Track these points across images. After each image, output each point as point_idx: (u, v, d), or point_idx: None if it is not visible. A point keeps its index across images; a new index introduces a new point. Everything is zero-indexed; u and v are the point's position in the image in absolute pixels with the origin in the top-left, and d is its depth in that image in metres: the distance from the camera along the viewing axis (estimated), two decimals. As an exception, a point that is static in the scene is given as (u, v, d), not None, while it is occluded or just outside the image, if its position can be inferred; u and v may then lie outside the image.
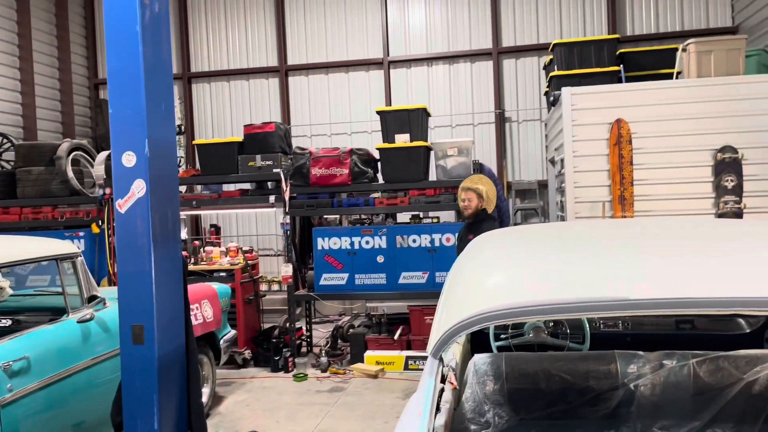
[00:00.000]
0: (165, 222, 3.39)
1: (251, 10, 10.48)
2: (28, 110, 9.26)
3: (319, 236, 7.03)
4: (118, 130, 3.28)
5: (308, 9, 10.32)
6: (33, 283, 5.64)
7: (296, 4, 10.35)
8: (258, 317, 7.66)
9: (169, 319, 3.36)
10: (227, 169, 7.29)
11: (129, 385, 3.22)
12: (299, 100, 10.45)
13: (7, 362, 3.28)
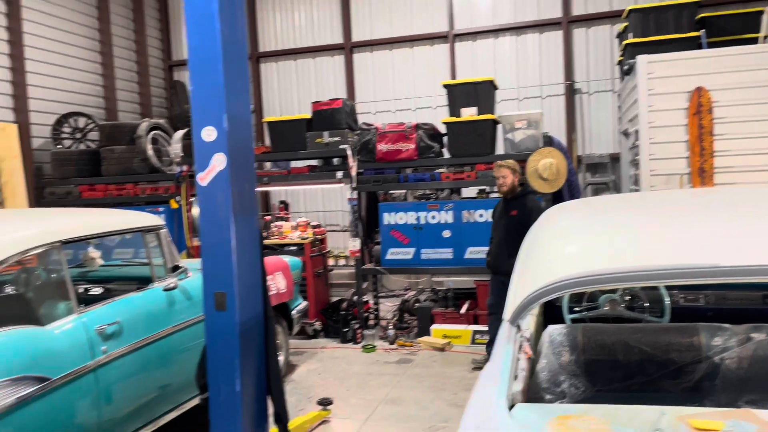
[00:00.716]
0: (243, 194, 3.51)
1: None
2: (109, 92, 9.74)
3: (386, 211, 7.10)
4: (199, 106, 3.40)
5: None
6: (118, 255, 6.00)
7: (360, -20, 10.33)
8: (327, 290, 7.87)
9: (249, 287, 3.49)
10: (296, 146, 7.44)
11: (213, 349, 3.38)
12: (363, 76, 10.48)
13: (102, 326, 3.52)
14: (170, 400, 4.11)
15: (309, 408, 4.79)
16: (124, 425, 3.66)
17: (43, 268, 3.87)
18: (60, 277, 3.57)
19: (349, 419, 4.69)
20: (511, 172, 5.46)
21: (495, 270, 5.64)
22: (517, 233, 5.41)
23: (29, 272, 3.84)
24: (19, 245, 3.27)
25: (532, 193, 5.73)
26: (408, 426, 4.51)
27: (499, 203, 5.77)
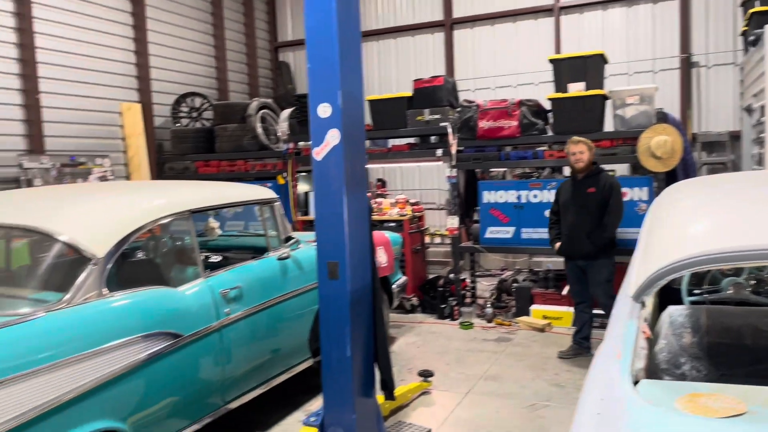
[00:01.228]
0: (355, 169, 3.64)
1: (417, -35, 10.51)
2: (221, 73, 10.28)
3: (486, 189, 7.05)
4: (315, 83, 3.54)
5: (475, -42, 10.10)
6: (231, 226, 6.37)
7: (461, -45, 10.17)
8: (424, 267, 7.97)
9: (359, 258, 3.63)
10: (397, 124, 7.52)
11: (325, 316, 3.56)
12: (463, 53, 10.37)
13: (225, 290, 3.79)
14: (282, 363, 4.37)
15: (409, 379, 4.92)
16: (242, 384, 3.94)
17: (174, 235, 4.21)
18: (189, 244, 3.88)
19: (450, 392, 4.77)
20: (588, 148, 5.31)
21: (570, 254, 5.46)
22: (598, 211, 5.24)
23: (162, 238, 4.20)
24: (154, 214, 3.58)
25: (605, 171, 5.56)
26: (509, 402, 4.53)
27: (565, 183, 5.58)
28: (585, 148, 5.29)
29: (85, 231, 3.19)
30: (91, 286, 3.04)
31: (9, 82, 7.02)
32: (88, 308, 2.97)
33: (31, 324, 2.73)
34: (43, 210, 3.47)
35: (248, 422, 4.26)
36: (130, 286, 3.25)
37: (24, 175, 6.77)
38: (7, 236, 3.83)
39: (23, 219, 3.38)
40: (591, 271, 5.33)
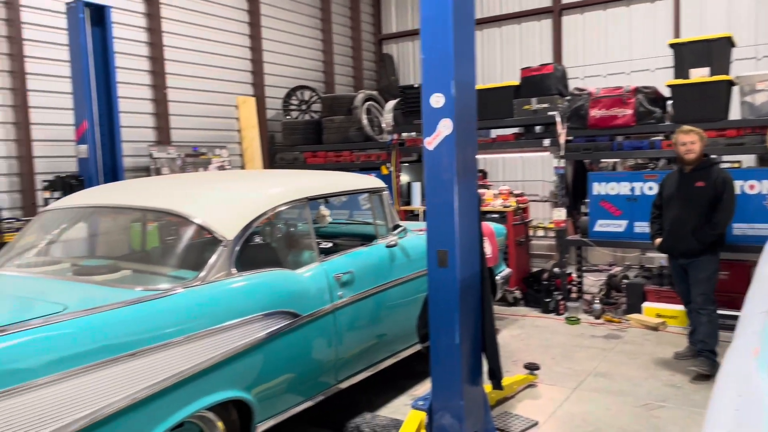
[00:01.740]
0: (466, 159, 3.66)
1: (525, -50, 10.25)
2: (328, 66, 10.61)
3: (596, 181, 6.80)
4: (429, 73, 3.59)
5: (587, -59, 9.70)
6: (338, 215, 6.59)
7: (573, -63, 9.80)
8: (528, 259, 7.83)
9: (468, 247, 3.66)
10: (502, 113, 7.42)
11: (434, 303, 3.62)
12: (572, 40, 10.01)
13: (338, 274, 3.95)
14: (389, 348, 4.48)
15: (514, 371, 4.88)
16: (352, 365, 4.09)
17: (293, 221, 4.44)
18: (306, 229, 4.08)
19: (557, 386, 4.69)
20: (700, 138, 4.88)
21: (671, 251, 5.10)
22: (706, 207, 4.83)
23: (281, 224, 4.44)
24: (276, 200, 3.80)
25: (717, 163, 5.13)
26: (620, 400, 4.39)
27: (670, 176, 5.17)
28: (696, 138, 4.89)
29: (217, 215, 3.45)
30: (222, 266, 3.29)
31: (142, 78, 7.66)
32: (220, 286, 3.21)
33: (172, 298, 3.00)
34: (178, 196, 3.79)
35: (357, 403, 4.42)
36: (254, 268, 3.47)
37: (153, 164, 7.37)
38: (143, 219, 4.21)
39: (161, 203, 3.71)
40: (692, 268, 4.96)
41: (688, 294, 5.07)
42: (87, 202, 3.98)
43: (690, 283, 4.99)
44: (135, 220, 4.16)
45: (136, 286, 3.09)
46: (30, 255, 3.79)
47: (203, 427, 3.11)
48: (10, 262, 3.68)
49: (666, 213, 5.10)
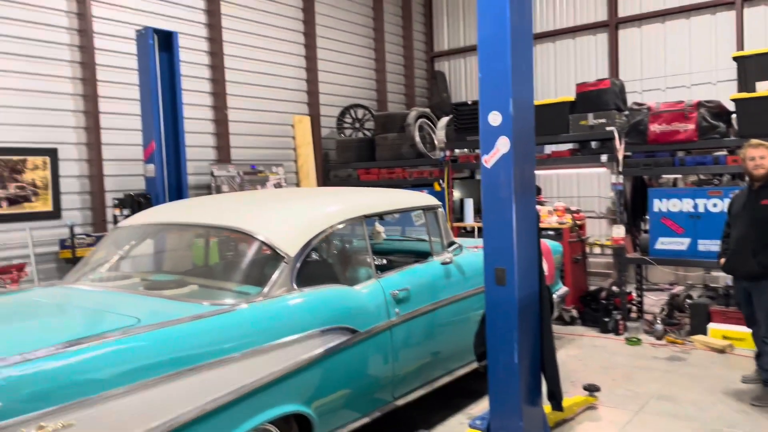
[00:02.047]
0: (524, 176, 3.65)
1: (579, -35, 10.16)
2: (381, 84, 10.76)
3: (657, 197, 6.62)
4: (487, 92, 3.62)
5: (644, -47, 9.54)
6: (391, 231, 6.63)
7: (629, -50, 9.66)
8: (585, 278, 7.67)
9: (527, 265, 3.63)
10: (557, 129, 7.33)
11: (492, 321, 3.61)
12: (629, 53, 9.82)
13: (395, 291, 3.98)
14: (445, 366, 4.46)
15: (573, 392, 4.77)
16: (408, 382, 4.09)
17: (350, 238, 4.51)
18: (362, 246, 4.15)
19: (618, 409, 4.56)
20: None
21: (733, 272, 4.85)
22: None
23: (339, 241, 4.52)
24: (334, 218, 3.88)
25: None
26: (687, 425, 4.22)
27: (740, 193, 4.89)
28: (766, 152, 4.60)
29: (279, 232, 3.56)
30: (284, 282, 3.38)
31: (204, 99, 7.97)
32: (282, 301, 3.30)
33: (237, 313, 3.10)
34: (241, 213, 3.92)
35: (412, 420, 4.42)
36: (313, 284, 3.54)
37: (214, 182, 7.63)
38: (208, 235, 4.37)
39: (226, 221, 3.85)
40: (756, 293, 4.69)
41: (753, 317, 4.84)
42: (156, 220, 4.17)
43: (754, 307, 4.76)
44: (201, 236, 4.32)
45: (203, 301, 3.21)
46: (103, 270, 3.99)
47: (265, 440, 3.18)
48: (85, 277, 3.89)
49: (732, 231, 4.89)
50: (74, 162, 6.67)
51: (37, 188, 6.28)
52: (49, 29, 6.45)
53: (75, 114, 6.66)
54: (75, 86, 6.66)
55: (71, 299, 3.48)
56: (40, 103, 6.36)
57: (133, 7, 7.17)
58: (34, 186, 6.26)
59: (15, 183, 6.11)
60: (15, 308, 3.41)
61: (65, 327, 3.05)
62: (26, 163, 6.21)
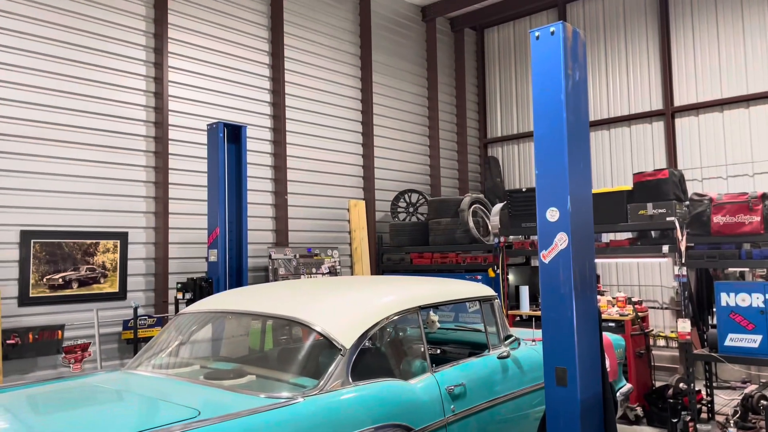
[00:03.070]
0: (584, 272, 3.61)
1: (633, 54, 10.34)
2: (435, 170, 10.98)
3: (724, 291, 6.33)
4: (544, 188, 3.66)
5: (698, 44, 9.64)
6: (444, 317, 6.56)
7: (684, 41, 9.78)
8: (649, 373, 7.29)
9: (589, 364, 3.52)
10: (615, 218, 7.24)
11: (553, 424, 3.47)
12: (687, 142, 9.74)
13: (450, 386, 3.90)
14: (501, 466, 4.27)
15: (641, 502, 4.44)
16: (463, 483, 3.92)
17: (405, 330, 4.50)
18: (418, 338, 4.12)
19: None
20: None
21: None
22: None
23: (394, 332, 4.50)
24: (390, 309, 3.89)
25: None
26: None
27: None
28: None
29: (335, 323, 3.59)
30: (339, 375, 3.38)
31: (265, 185, 8.33)
32: (337, 396, 3.28)
33: (294, 407, 3.10)
34: (298, 303, 3.99)
35: None
36: (368, 377, 3.52)
37: (271, 265, 7.82)
38: (266, 324, 4.45)
39: (284, 311, 3.92)
40: None
41: None
42: (216, 308, 4.28)
43: None
44: (259, 325, 4.40)
45: (260, 393, 3.23)
46: (164, 356, 4.09)
47: None
48: (148, 362, 3.99)
49: None
50: (142, 245, 7.01)
51: (106, 270, 6.59)
52: (128, 122, 6.98)
53: (146, 200, 7.07)
54: (148, 174, 7.11)
55: (134, 387, 3.57)
56: (115, 190, 6.80)
57: (206, 101, 7.71)
58: (103, 268, 6.58)
59: (87, 265, 6.45)
60: (79, 394, 3.52)
61: (129, 416, 3.11)
62: (98, 246, 6.57)
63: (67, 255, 6.32)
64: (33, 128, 6.26)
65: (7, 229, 5.98)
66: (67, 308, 6.30)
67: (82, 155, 6.58)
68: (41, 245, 6.15)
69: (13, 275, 6.00)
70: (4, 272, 5.95)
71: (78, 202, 6.50)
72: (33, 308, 6.08)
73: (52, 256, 6.22)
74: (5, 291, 5.89)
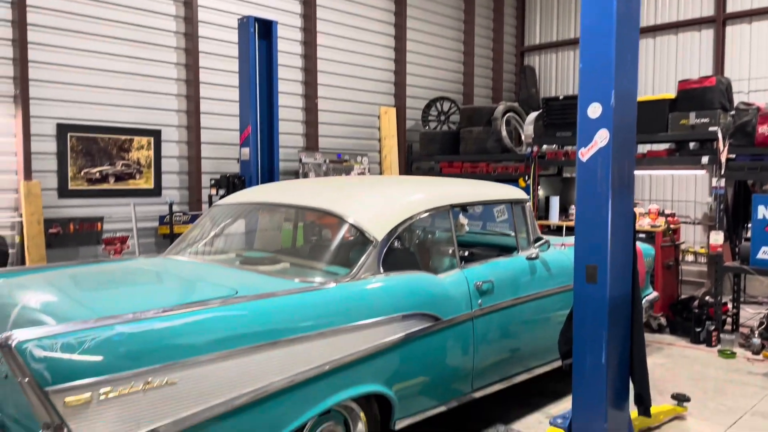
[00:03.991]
0: (622, 172, 3.52)
1: (686, -44, 9.63)
2: (468, 78, 10.67)
3: (762, 203, 6.17)
4: (587, 83, 3.50)
5: (760, -57, 8.91)
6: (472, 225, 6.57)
7: (744, -60, 9.04)
8: (676, 285, 7.30)
9: (620, 263, 3.50)
10: (655, 128, 7.01)
11: (580, 320, 3.50)
12: (737, 51, 9.21)
13: (479, 282, 3.95)
14: (524, 363, 4.39)
15: (659, 400, 4.56)
16: (486, 376, 4.04)
17: (436, 227, 4.53)
18: (448, 236, 4.14)
19: (708, 422, 4.32)
20: None
21: None
22: None
23: (425, 229, 4.54)
24: (422, 205, 3.89)
25: None
26: (786, 446, 3.95)
27: None
28: None
29: (368, 216, 3.62)
30: (371, 265, 3.44)
31: (296, 88, 8.21)
32: (369, 283, 3.36)
33: (325, 292, 3.19)
34: (332, 196, 4.01)
35: (490, 415, 4.38)
36: (398, 269, 3.58)
37: (301, 169, 7.86)
38: (300, 216, 4.52)
39: (317, 203, 3.96)
40: None
41: None
42: (251, 199, 4.35)
43: None
44: (292, 216, 4.46)
45: (295, 278, 3.33)
46: (201, 244, 4.21)
47: (347, 417, 3.26)
48: (185, 250, 4.12)
49: None
50: (175, 143, 7.06)
51: (141, 166, 6.71)
52: (156, 16, 6.84)
53: (178, 98, 7.05)
54: (179, 71, 7.05)
55: (173, 269, 3.70)
56: (148, 87, 6.78)
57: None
58: (138, 164, 6.69)
59: (122, 161, 6.55)
60: (122, 274, 3.67)
61: (170, 293, 3.25)
62: (133, 142, 6.64)
63: (103, 150, 6.42)
64: (67, 20, 6.19)
65: (43, 121, 6.07)
66: (105, 202, 6.48)
67: (114, 49, 6.53)
68: (77, 139, 6.25)
69: (52, 167, 6.15)
70: (43, 164, 6.09)
71: (112, 97, 6.52)
72: (72, 200, 6.27)
73: (89, 150, 6.33)
74: (45, 182, 6.06)
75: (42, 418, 2.21)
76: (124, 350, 2.35)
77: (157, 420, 2.38)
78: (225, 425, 2.58)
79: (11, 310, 2.93)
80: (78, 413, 2.22)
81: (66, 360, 2.22)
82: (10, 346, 2.16)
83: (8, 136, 5.92)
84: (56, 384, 2.18)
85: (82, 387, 2.22)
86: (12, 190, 5.98)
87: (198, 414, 2.48)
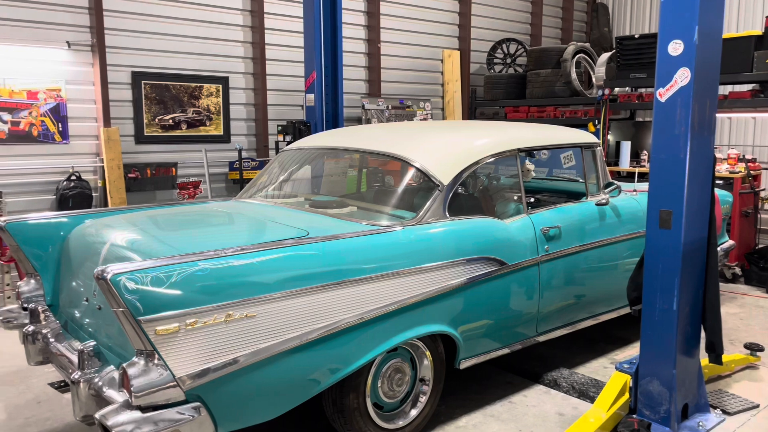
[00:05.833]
0: (703, 112, 3.35)
1: None
2: (536, 18, 10.21)
3: None
4: (668, 19, 3.31)
5: None
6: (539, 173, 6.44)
7: None
8: (754, 234, 6.98)
9: (697, 208, 3.38)
10: (738, 67, 6.55)
11: (652, 266, 3.43)
12: (838, -20, 8.39)
13: (545, 227, 3.91)
14: (590, 309, 4.36)
15: (731, 350, 4.47)
16: (551, 321, 4.05)
17: (503, 171, 4.48)
18: (515, 181, 4.09)
19: (783, 373, 4.21)
20: None
21: None
22: None
23: (492, 174, 4.50)
24: (489, 149, 3.85)
25: None
26: None
27: None
28: None
29: (434, 160, 3.62)
30: (437, 210, 3.46)
31: (358, 33, 8.12)
32: (435, 227, 3.39)
33: (392, 234, 3.24)
34: (398, 141, 4.02)
35: (554, 358, 4.42)
36: (464, 214, 3.60)
37: (364, 115, 7.86)
38: (367, 161, 4.57)
39: (384, 147, 3.98)
40: None
41: None
42: (319, 144, 4.42)
43: None
44: (359, 161, 4.52)
45: (362, 221, 3.40)
46: (271, 188, 4.34)
47: (413, 355, 3.37)
48: (256, 194, 4.26)
49: None
50: (242, 91, 7.19)
51: (210, 113, 6.89)
52: (222, -38, 6.87)
53: (243, 45, 7.13)
54: (245, 18, 7.10)
55: (246, 211, 3.85)
56: (214, 34, 6.88)
57: (298, -61, 7.40)
58: (208, 111, 6.87)
59: (193, 108, 6.75)
60: (200, 216, 3.86)
61: (246, 233, 3.40)
62: (202, 90, 6.81)
63: (175, 97, 6.63)
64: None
65: (119, 69, 6.30)
66: (178, 148, 6.74)
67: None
68: (151, 87, 6.47)
69: (129, 114, 6.41)
70: (121, 111, 6.37)
71: (180, 45, 6.67)
72: (148, 146, 6.55)
73: (161, 97, 6.55)
74: (123, 129, 6.34)
75: (136, 346, 2.40)
76: (207, 285, 2.50)
77: (238, 350, 2.54)
78: (299, 358, 2.73)
79: (101, 247, 3.16)
80: (167, 341, 2.39)
81: (156, 292, 2.39)
82: (105, 278, 2.33)
83: (88, 84, 6.19)
84: (147, 314, 2.35)
85: (171, 317, 2.39)
86: (93, 137, 6.29)
87: (274, 346, 2.63)
